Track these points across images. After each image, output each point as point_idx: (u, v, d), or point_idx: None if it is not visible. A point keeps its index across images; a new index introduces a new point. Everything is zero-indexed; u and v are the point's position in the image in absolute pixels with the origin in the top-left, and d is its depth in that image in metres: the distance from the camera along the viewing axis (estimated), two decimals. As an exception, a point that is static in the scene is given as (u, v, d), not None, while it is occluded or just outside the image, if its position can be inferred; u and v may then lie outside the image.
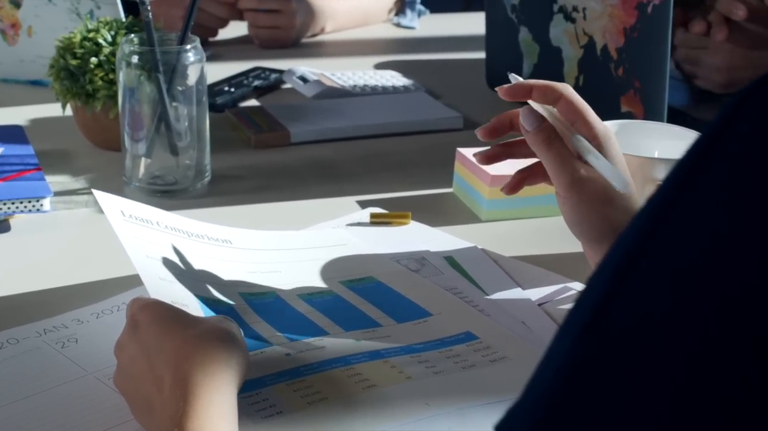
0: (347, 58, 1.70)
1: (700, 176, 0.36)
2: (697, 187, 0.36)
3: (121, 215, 0.82)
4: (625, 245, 0.37)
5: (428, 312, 0.84)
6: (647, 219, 0.37)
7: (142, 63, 1.05)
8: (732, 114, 0.36)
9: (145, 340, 0.67)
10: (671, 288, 0.35)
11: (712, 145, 0.36)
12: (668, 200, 0.37)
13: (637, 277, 0.36)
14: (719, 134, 0.36)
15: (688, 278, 0.34)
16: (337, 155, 1.24)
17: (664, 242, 0.36)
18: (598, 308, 0.36)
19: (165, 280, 0.78)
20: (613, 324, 0.36)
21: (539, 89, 0.81)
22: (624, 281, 0.36)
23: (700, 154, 0.37)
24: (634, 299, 0.36)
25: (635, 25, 1.15)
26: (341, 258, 0.92)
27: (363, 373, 0.74)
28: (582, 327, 0.37)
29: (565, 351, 0.37)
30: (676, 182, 0.37)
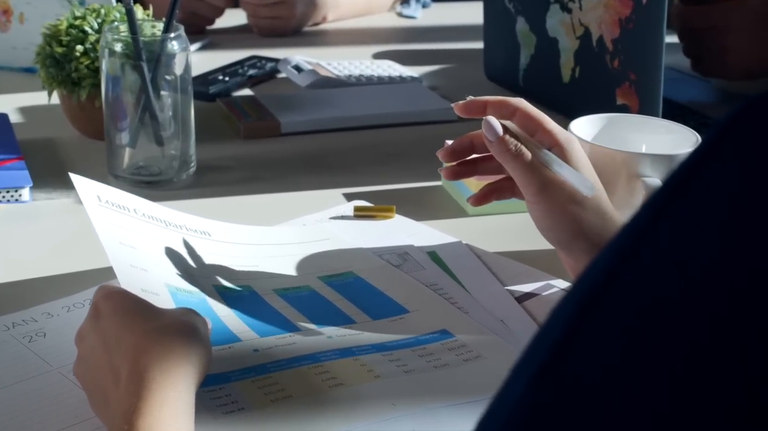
0: (346, 47, 1.68)
1: (677, 207, 0.33)
2: (671, 220, 0.33)
3: (97, 200, 0.81)
4: (590, 279, 0.34)
5: (405, 309, 0.82)
6: (615, 252, 0.34)
7: (126, 52, 1.03)
8: (717, 140, 0.34)
9: (105, 331, 0.65)
10: (634, 333, 0.32)
11: (690, 175, 0.34)
12: (639, 232, 0.34)
13: (601, 316, 0.33)
14: (699, 164, 0.34)
15: (653, 321, 0.31)
16: (327, 146, 1.22)
17: (631, 279, 0.33)
18: (557, 349, 0.33)
19: (137, 267, 0.77)
20: (572, 370, 0.32)
21: (493, 104, 0.81)
22: (586, 319, 0.33)
23: (677, 184, 0.34)
24: (595, 341, 0.32)
25: (630, 16, 1.13)
26: (321, 253, 0.90)
27: (331, 371, 0.72)
28: (538, 367, 0.33)
29: (518, 396, 0.34)
30: (650, 213, 0.34)
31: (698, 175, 0.33)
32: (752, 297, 0.30)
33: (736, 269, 0.31)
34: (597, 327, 0.33)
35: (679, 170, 0.34)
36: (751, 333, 0.30)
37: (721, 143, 0.33)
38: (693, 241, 0.32)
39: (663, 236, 0.33)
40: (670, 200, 0.33)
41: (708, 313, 0.30)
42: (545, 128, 0.79)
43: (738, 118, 0.34)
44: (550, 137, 0.79)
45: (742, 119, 0.34)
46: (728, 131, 0.33)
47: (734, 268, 0.31)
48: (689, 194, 0.33)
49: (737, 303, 0.30)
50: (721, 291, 0.31)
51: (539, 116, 0.80)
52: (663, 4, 1.07)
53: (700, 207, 0.33)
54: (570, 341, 0.33)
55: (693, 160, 0.34)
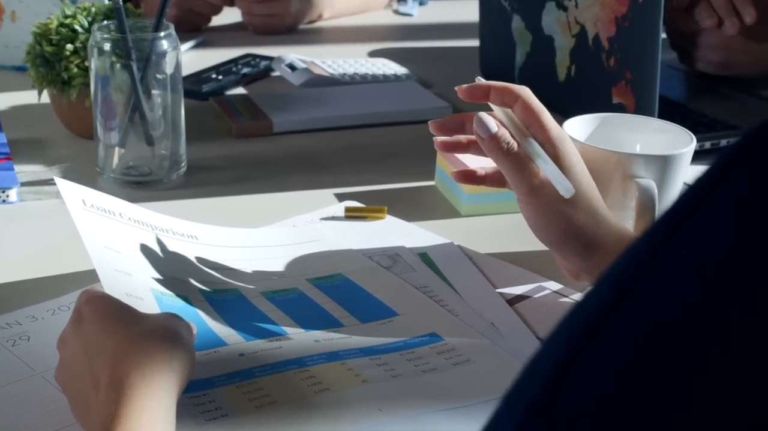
0: (342, 45, 1.67)
1: (680, 239, 0.31)
2: (674, 253, 0.31)
3: (81, 205, 0.80)
4: (585, 312, 0.32)
5: (394, 312, 0.81)
6: (613, 285, 0.32)
7: (115, 51, 1.02)
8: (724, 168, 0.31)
9: (86, 336, 0.64)
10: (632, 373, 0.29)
11: (695, 205, 0.31)
12: (639, 265, 0.31)
13: (597, 353, 0.30)
14: (704, 193, 0.31)
15: (653, 361, 0.29)
16: (320, 145, 1.21)
17: (630, 315, 0.30)
18: (548, 385, 0.31)
19: (121, 272, 0.76)
20: (563, 412, 0.30)
21: (497, 90, 0.80)
22: (580, 356, 0.31)
23: (680, 215, 0.31)
24: (590, 381, 0.30)
25: (627, 15, 1.11)
26: (311, 255, 0.89)
27: (317, 376, 0.71)
28: (528, 405, 0.31)
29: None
30: (651, 244, 0.31)
31: (702, 206, 0.31)
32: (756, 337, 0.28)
33: (741, 307, 0.28)
34: (592, 365, 0.30)
35: (683, 198, 0.32)
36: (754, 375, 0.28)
37: (730, 170, 0.31)
38: (697, 277, 0.30)
39: (664, 271, 0.30)
40: (673, 230, 0.31)
41: (710, 354, 0.28)
42: (541, 123, 0.78)
43: (747, 144, 0.31)
44: (543, 132, 0.78)
45: (751, 145, 0.31)
46: (737, 159, 0.31)
47: (739, 307, 0.28)
48: (693, 227, 0.31)
49: (740, 344, 0.28)
50: (723, 331, 0.28)
51: (538, 109, 0.79)
52: (659, 2, 1.06)
53: (704, 241, 0.30)
54: (561, 378, 0.31)
55: (697, 188, 0.32)
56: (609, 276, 0.32)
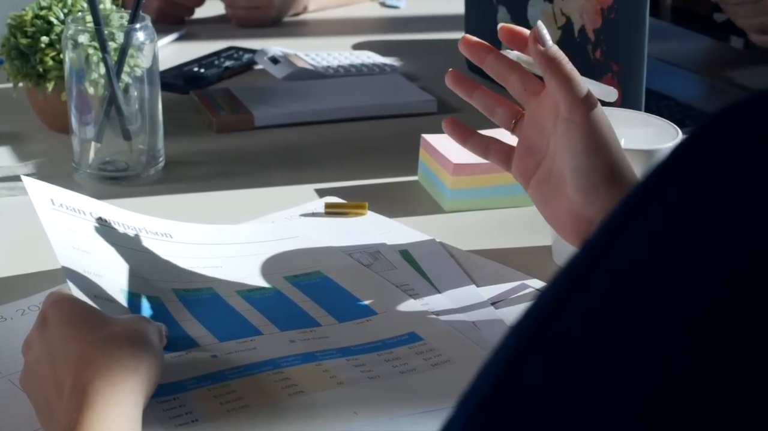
0: (327, 38, 1.64)
1: (632, 230, 0.30)
2: (626, 244, 0.30)
3: (50, 204, 0.77)
4: (537, 308, 0.31)
5: (373, 311, 0.79)
6: (566, 277, 0.31)
7: (90, 43, 1.00)
8: (678, 158, 0.30)
9: (51, 340, 0.62)
10: (581, 367, 0.28)
11: (647, 196, 0.30)
12: (591, 259, 0.31)
13: (546, 347, 0.30)
14: (657, 183, 0.30)
15: (602, 355, 0.28)
16: (302, 140, 1.19)
17: (580, 308, 0.30)
18: (499, 379, 0.30)
19: (90, 273, 0.74)
20: (514, 408, 0.29)
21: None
22: (530, 351, 0.30)
23: (633, 205, 0.31)
24: (540, 376, 0.29)
25: (613, 6, 1.10)
26: (288, 252, 0.87)
27: (292, 378, 0.69)
28: (480, 399, 0.30)
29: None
30: (604, 236, 0.31)
31: (655, 195, 0.30)
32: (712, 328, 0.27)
33: (696, 299, 0.27)
34: (542, 359, 0.29)
35: (636, 189, 0.31)
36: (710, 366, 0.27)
37: (683, 159, 0.30)
38: (650, 268, 0.29)
39: (615, 265, 0.30)
40: (626, 221, 0.30)
41: (663, 350, 0.27)
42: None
43: (701, 134, 0.31)
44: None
45: (705, 135, 0.30)
46: (690, 148, 0.30)
47: (693, 298, 0.27)
48: (646, 216, 0.30)
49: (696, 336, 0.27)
50: (677, 324, 0.27)
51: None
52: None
53: (657, 230, 0.29)
54: (513, 374, 0.30)
55: (651, 179, 0.31)
56: (562, 272, 0.31)
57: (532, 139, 0.78)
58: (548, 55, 0.74)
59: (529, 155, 0.78)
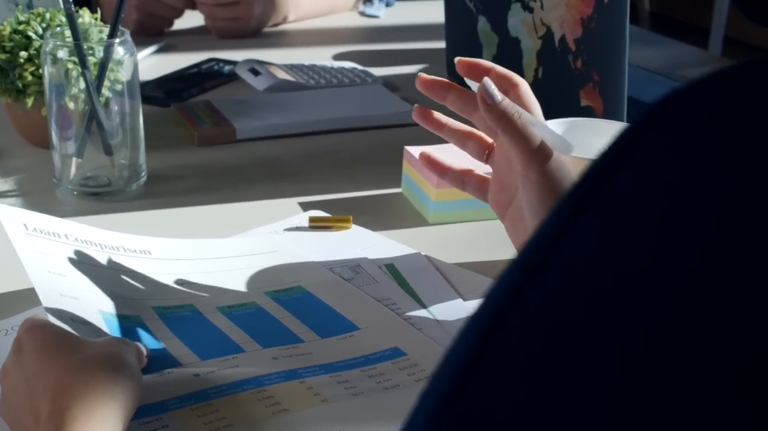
0: (307, 48, 1.64)
1: (581, 220, 0.30)
2: (578, 233, 0.29)
3: (23, 229, 0.77)
4: (494, 298, 0.30)
5: (355, 326, 0.79)
6: (521, 268, 0.30)
7: (70, 58, 0.99)
8: (629, 142, 0.30)
9: (27, 367, 0.61)
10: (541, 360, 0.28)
11: (598, 183, 0.30)
12: (545, 246, 0.30)
13: (505, 340, 0.29)
14: (608, 170, 0.30)
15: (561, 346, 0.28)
16: (284, 152, 1.18)
17: (537, 299, 0.29)
18: (459, 374, 0.30)
19: (67, 296, 0.73)
20: (475, 404, 0.29)
21: (498, 74, 0.78)
22: (489, 345, 0.29)
23: (584, 193, 0.30)
24: (499, 370, 0.29)
25: (592, 16, 1.10)
26: (269, 267, 0.87)
27: (275, 396, 0.69)
28: (439, 400, 0.30)
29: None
30: (557, 224, 0.30)
31: (607, 182, 0.30)
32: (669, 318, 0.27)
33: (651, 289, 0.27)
34: (501, 353, 0.29)
35: (585, 177, 0.31)
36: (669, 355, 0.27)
37: (634, 145, 0.30)
38: (604, 258, 0.28)
39: (571, 252, 0.29)
40: (578, 209, 0.30)
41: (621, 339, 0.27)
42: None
43: (650, 119, 0.30)
44: None
45: (655, 120, 0.30)
46: (641, 133, 0.30)
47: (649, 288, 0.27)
48: (598, 204, 0.30)
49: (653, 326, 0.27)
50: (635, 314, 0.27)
51: (533, 105, 0.78)
52: (625, 3, 1.04)
53: (609, 220, 0.29)
54: (471, 371, 0.29)
55: (600, 166, 0.30)
56: (517, 263, 0.31)
57: (504, 174, 0.79)
58: (498, 111, 0.74)
59: (502, 189, 0.79)
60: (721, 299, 0.26)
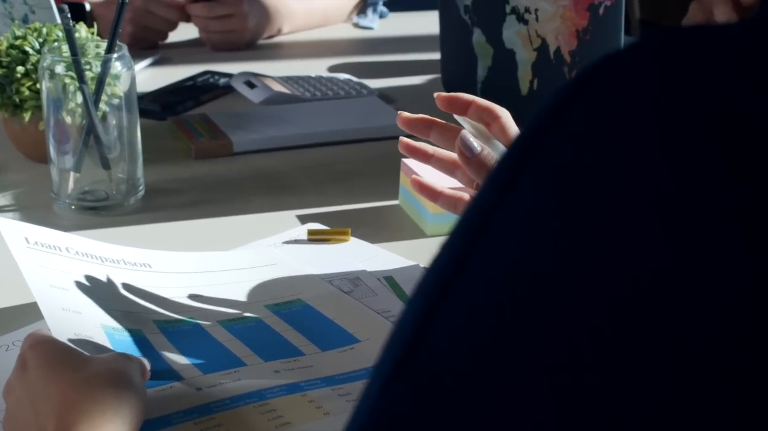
0: (302, 60, 1.65)
1: (520, 181, 0.30)
2: (517, 195, 0.30)
3: (24, 243, 0.77)
4: (438, 267, 0.31)
5: (356, 338, 0.79)
6: (461, 238, 0.30)
7: (67, 73, 1.00)
8: (564, 104, 0.30)
9: (31, 384, 0.62)
10: (485, 322, 0.28)
11: (536, 142, 0.30)
12: (485, 210, 0.30)
13: (451, 305, 0.29)
14: (544, 130, 0.30)
15: (504, 309, 0.28)
16: (282, 165, 1.19)
17: (481, 262, 0.29)
18: (409, 342, 0.30)
19: (69, 310, 0.73)
20: (425, 370, 0.29)
21: (478, 107, 0.80)
22: (435, 310, 0.30)
23: (524, 151, 0.30)
24: (447, 335, 0.29)
25: (587, 27, 1.10)
26: (269, 281, 0.87)
27: (278, 409, 0.69)
28: (392, 364, 0.30)
29: (371, 404, 0.30)
30: (495, 188, 0.30)
31: (540, 144, 0.30)
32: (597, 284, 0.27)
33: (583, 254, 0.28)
34: (446, 319, 0.29)
35: (521, 139, 0.31)
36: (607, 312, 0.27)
37: (566, 108, 0.30)
38: (541, 223, 0.29)
39: (509, 217, 0.30)
40: (515, 171, 0.30)
41: (557, 298, 0.27)
42: None
43: (581, 84, 0.30)
44: None
45: (586, 85, 0.30)
46: (572, 97, 0.30)
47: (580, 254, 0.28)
48: (532, 169, 0.30)
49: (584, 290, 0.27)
50: (567, 281, 0.27)
51: (515, 136, 0.78)
52: (620, 15, 1.05)
53: (544, 184, 0.29)
54: (419, 339, 0.29)
55: (535, 128, 0.30)
56: (458, 228, 0.31)
57: None
58: (476, 164, 0.76)
59: None
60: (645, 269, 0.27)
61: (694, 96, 0.29)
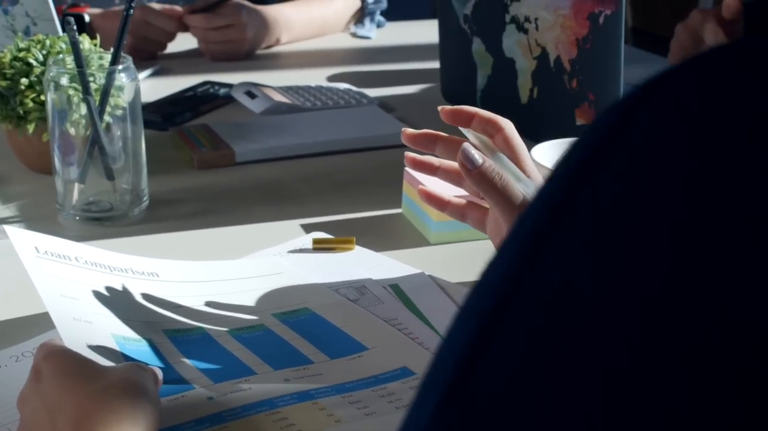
0: (301, 70, 1.66)
1: (578, 200, 0.29)
2: (575, 215, 0.29)
3: (34, 252, 0.77)
4: (491, 285, 0.30)
5: (364, 346, 0.79)
6: (516, 255, 0.30)
7: (72, 85, 1.00)
8: (619, 122, 0.30)
9: (47, 394, 0.62)
10: (542, 340, 0.28)
11: (591, 161, 0.29)
12: (542, 229, 0.30)
13: (509, 326, 0.29)
14: (599, 149, 0.29)
15: (562, 328, 0.28)
16: (284, 174, 1.19)
17: (535, 288, 0.29)
18: (463, 363, 0.29)
19: (80, 320, 0.74)
20: (483, 388, 0.28)
21: (482, 119, 0.81)
22: (492, 334, 0.29)
23: (579, 172, 0.30)
24: (502, 362, 0.28)
25: (587, 36, 1.11)
26: (275, 290, 0.87)
27: (289, 417, 0.69)
28: (445, 387, 0.29)
29: (423, 425, 0.29)
30: (550, 208, 0.30)
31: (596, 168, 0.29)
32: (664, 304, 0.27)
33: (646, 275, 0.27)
34: (506, 338, 0.29)
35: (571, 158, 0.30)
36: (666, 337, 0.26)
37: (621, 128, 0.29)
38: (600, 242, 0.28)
39: (567, 234, 0.29)
40: (571, 194, 0.29)
41: (620, 323, 0.27)
42: (518, 159, 0.79)
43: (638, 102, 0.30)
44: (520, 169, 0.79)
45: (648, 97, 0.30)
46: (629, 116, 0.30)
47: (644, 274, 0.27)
48: (590, 188, 0.29)
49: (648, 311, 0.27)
50: (631, 299, 0.27)
51: (518, 146, 0.80)
52: (620, 23, 1.06)
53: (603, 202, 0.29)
54: (475, 360, 0.29)
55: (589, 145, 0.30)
56: (510, 249, 0.31)
57: (498, 215, 0.80)
58: (478, 176, 0.77)
59: (498, 227, 0.81)
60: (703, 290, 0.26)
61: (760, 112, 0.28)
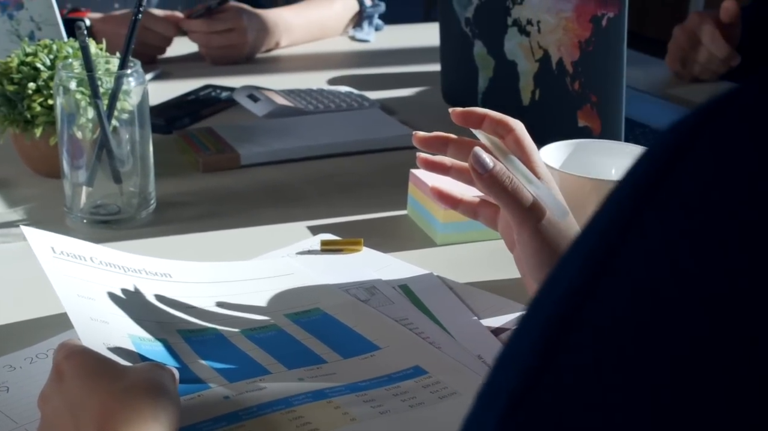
0: (301, 73, 1.66)
1: (645, 218, 0.29)
2: (643, 234, 0.29)
3: (51, 252, 0.78)
4: (559, 298, 0.30)
5: (376, 346, 0.80)
6: (582, 269, 0.30)
7: (81, 89, 1.01)
8: (687, 140, 0.29)
9: (69, 393, 0.63)
10: (612, 353, 0.28)
11: (658, 179, 0.29)
12: (607, 249, 0.30)
13: (573, 342, 0.29)
14: (666, 167, 0.29)
15: (631, 342, 0.28)
16: (289, 177, 1.20)
17: (603, 300, 0.29)
18: (530, 372, 0.29)
19: (97, 320, 0.74)
20: (547, 395, 0.29)
21: (492, 120, 0.81)
22: (560, 344, 0.29)
23: (645, 188, 0.30)
24: (569, 369, 0.29)
25: (590, 39, 1.12)
26: (287, 290, 0.88)
27: (305, 416, 0.70)
28: (510, 396, 0.29)
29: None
30: (616, 226, 0.30)
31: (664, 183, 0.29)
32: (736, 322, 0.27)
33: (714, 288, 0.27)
34: (571, 352, 0.29)
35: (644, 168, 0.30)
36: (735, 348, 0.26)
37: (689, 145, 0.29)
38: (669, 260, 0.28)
39: (635, 250, 0.29)
40: (638, 209, 0.29)
41: (688, 332, 0.27)
42: (529, 160, 0.80)
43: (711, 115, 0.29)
44: (531, 170, 0.79)
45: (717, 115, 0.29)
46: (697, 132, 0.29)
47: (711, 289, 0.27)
48: (658, 205, 0.29)
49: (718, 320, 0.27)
50: (698, 314, 0.27)
51: (529, 146, 0.80)
52: (623, 26, 1.07)
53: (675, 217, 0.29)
54: (542, 371, 0.29)
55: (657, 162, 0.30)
56: (574, 262, 0.31)
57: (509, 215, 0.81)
58: (488, 180, 0.77)
59: (508, 226, 0.82)
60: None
61: None
